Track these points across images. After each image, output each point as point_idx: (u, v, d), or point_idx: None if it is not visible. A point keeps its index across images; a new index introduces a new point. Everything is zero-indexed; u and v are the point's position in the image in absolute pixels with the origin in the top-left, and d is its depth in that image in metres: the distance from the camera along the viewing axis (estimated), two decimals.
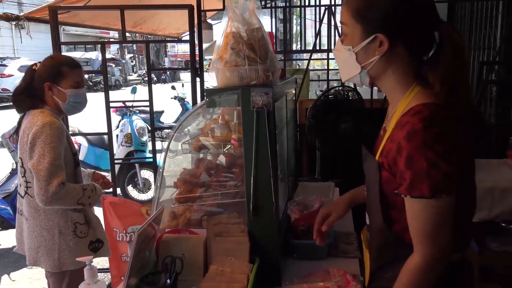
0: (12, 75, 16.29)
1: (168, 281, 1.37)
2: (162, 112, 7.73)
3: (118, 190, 5.27)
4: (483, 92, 3.26)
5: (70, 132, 3.07)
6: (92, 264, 1.38)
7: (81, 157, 5.52)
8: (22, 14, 3.26)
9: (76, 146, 5.37)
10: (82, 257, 1.41)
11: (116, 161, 3.22)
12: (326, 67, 3.70)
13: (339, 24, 3.28)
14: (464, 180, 1.04)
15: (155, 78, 24.12)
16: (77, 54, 24.74)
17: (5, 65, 16.90)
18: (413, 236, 1.04)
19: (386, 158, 1.05)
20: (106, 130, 3.01)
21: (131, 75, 27.35)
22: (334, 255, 1.73)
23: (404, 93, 1.08)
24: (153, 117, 3.04)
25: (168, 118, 8.25)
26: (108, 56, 25.49)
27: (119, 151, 5.50)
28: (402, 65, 1.08)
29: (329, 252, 1.74)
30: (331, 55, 3.72)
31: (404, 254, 1.08)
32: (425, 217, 1.00)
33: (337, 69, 4.82)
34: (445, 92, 1.03)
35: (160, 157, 2.22)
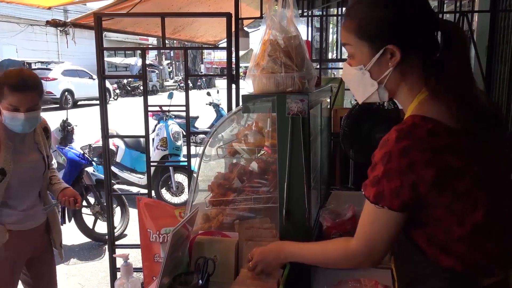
0: (56, 79, 17.04)
1: (200, 281, 1.40)
2: (197, 117, 7.87)
3: (152, 193, 5.39)
4: None
5: (109, 133, 3.18)
6: (128, 261, 1.43)
7: (118, 159, 5.70)
8: (68, 20, 3.41)
9: (114, 148, 5.54)
10: (118, 254, 1.46)
11: (151, 164, 3.29)
12: None
13: None
14: (469, 196, 0.99)
15: (191, 84, 24.54)
16: (117, 60, 25.63)
17: (49, 69, 17.68)
18: (357, 229, 1.12)
19: None
20: (143, 133, 3.10)
21: (168, 81, 28.01)
22: None
23: (411, 102, 1.08)
24: (189, 122, 3.10)
25: (202, 124, 8.39)
26: (146, 62, 26.17)
27: (155, 155, 5.63)
28: (413, 73, 1.07)
29: None
30: None
31: (429, 271, 1.06)
32: (368, 216, 1.07)
33: None
34: (450, 99, 1.01)
35: (194, 162, 2.26)
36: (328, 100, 2.53)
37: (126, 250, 3.74)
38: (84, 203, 4.57)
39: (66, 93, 17.20)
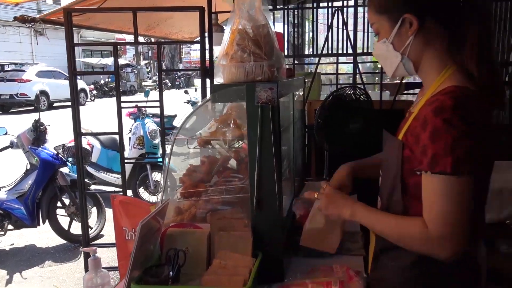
0: (30, 80, 16.66)
1: (171, 273, 1.38)
2: (175, 116, 7.80)
3: (130, 192, 5.32)
4: None
5: (83, 131, 3.12)
6: (96, 255, 1.40)
7: (93, 159, 5.60)
8: (37, 16, 3.33)
9: (89, 148, 5.44)
10: (85, 248, 1.42)
11: (126, 161, 3.25)
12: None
13: (350, 28, 3.29)
14: (482, 169, 1.03)
15: (169, 84, 24.35)
16: (93, 60, 25.24)
17: (23, 71, 17.28)
18: (427, 214, 1.02)
19: (411, 136, 1.07)
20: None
21: (146, 80, 27.66)
22: (339, 253, 1.72)
23: (438, 75, 1.09)
24: (163, 119, 3.07)
25: (181, 122, 8.31)
26: (123, 62, 25.85)
27: (131, 153, 5.56)
28: (436, 43, 1.10)
29: None
30: (341, 59, 3.72)
31: None
32: (443, 195, 0.98)
33: (349, 73, 4.81)
34: (480, 73, 1.04)
35: (173, 160, 2.23)
36: (302, 93, 2.53)
37: (102, 250, 3.68)
38: (59, 204, 4.48)
39: (41, 94, 16.82)
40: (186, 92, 8.46)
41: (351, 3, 3.93)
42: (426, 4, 1.07)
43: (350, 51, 3.46)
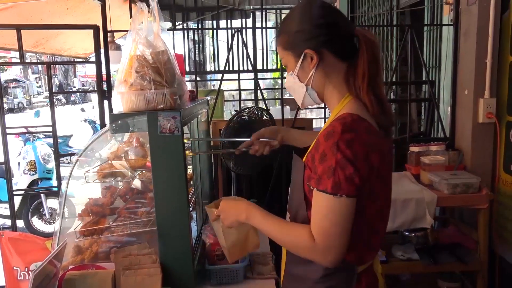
0: None
1: None
2: (71, 136, 7.29)
3: (21, 223, 4.83)
4: None
5: None
6: None
7: None
8: None
9: None
10: None
11: (15, 192, 2.94)
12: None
13: (250, 47, 3.36)
14: (372, 192, 1.11)
15: (63, 100, 22.76)
16: None
17: None
18: (313, 227, 1.10)
19: (307, 157, 1.15)
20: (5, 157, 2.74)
21: (36, 96, 25.50)
22: (251, 278, 1.72)
23: (338, 103, 1.19)
24: (57, 142, 2.84)
25: (78, 143, 7.79)
26: (9, 77, 23.56)
27: (22, 180, 5.06)
28: (334, 74, 1.19)
29: (245, 275, 1.72)
30: (242, 75, 3.78)
31: None
32: (325, 211, 1.07)
33: (250, 89, 4.91)
34: (371, 102, 1.14)
35: (73, 185, 2.05)
36: (206, 113, 2.51)
37: None
38: None
39: None
40: (82, 110, 7.96)
41: (249, 22, 4.04)
42: (323, 40, 1.16)
43: (250, 68, 3.53)
